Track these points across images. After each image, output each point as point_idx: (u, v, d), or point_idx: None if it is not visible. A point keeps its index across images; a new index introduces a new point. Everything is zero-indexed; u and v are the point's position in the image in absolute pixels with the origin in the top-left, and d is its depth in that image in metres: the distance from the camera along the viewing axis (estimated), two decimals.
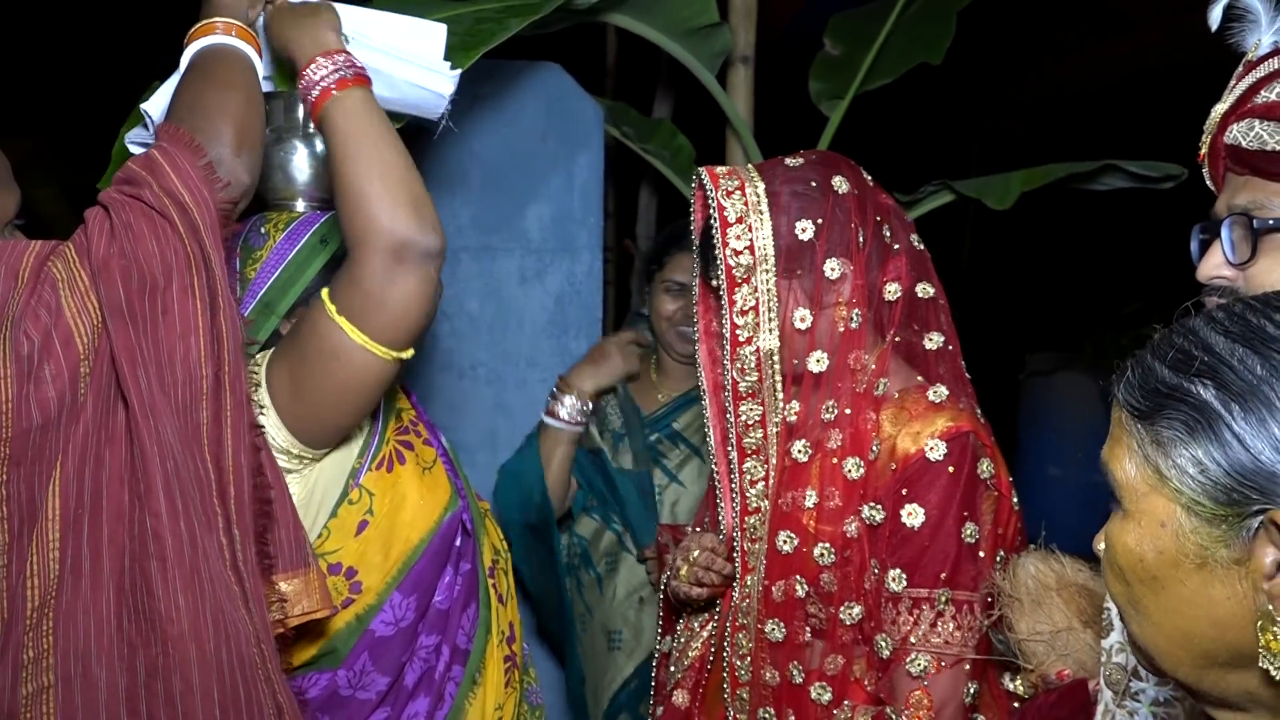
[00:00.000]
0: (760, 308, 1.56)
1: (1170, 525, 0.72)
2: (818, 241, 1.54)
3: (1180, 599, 0.72)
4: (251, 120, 1.34)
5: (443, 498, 1.56)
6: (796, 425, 1.58)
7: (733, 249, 1.55)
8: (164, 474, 1.17)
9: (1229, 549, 0.69)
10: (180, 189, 1.22)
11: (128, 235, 1.21)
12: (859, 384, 1.55)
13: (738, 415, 1.59)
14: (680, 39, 2.57)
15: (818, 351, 1.56)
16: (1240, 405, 0.68)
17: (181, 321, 1.20)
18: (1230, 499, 0.69)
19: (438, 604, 1.53)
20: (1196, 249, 1.14)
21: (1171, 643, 0.74)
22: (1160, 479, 0.72)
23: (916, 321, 1.61)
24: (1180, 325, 0.74)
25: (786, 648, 1.57)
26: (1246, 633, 0.69)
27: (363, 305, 1.32)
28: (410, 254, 1.31)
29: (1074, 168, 2.49)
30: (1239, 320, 0.71)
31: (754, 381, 1.57)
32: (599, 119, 2.65)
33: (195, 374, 1.21)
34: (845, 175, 1.59)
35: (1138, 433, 0.74)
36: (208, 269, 1.22)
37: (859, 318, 1.56)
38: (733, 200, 1.57)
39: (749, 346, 1.57)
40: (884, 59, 2.76)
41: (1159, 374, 0.73)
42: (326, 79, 1.39)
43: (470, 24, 1.95)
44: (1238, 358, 0.69)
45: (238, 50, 1.41)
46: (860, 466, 1.53)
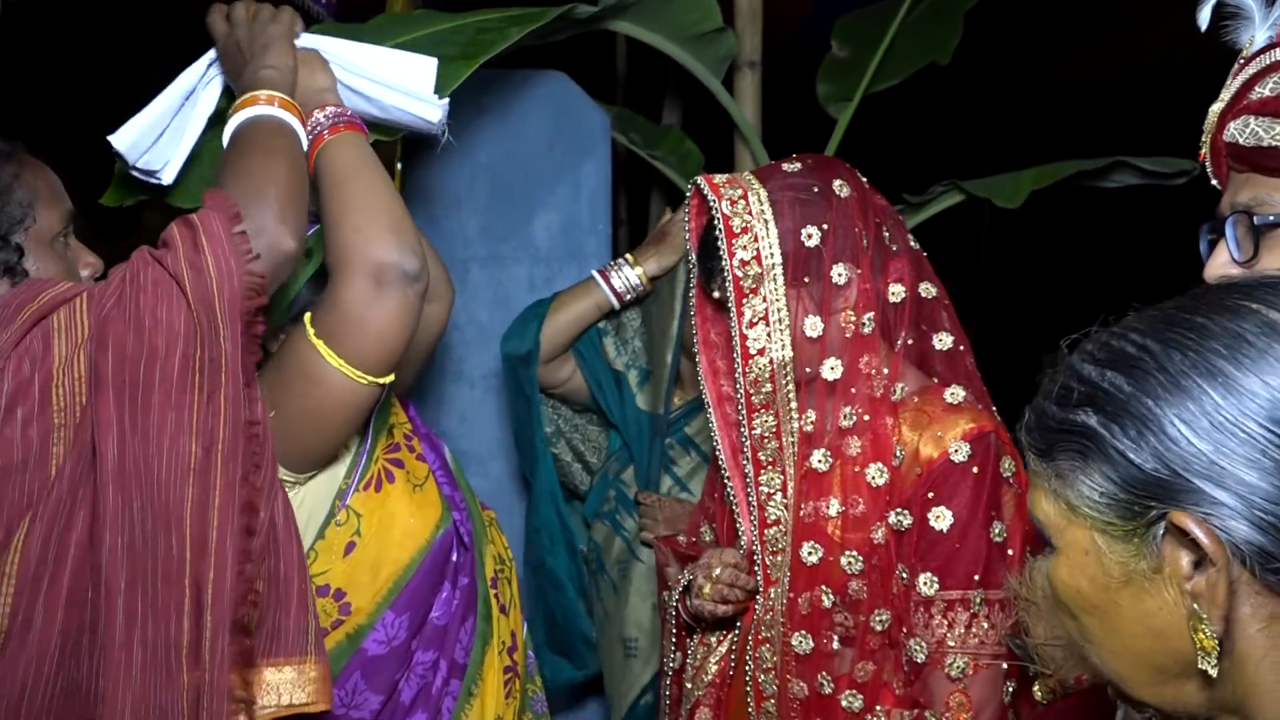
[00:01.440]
0: (770, 318, 1.54)
1: (1092, 551, 0.75)
2: (824, 247, 1.53)
3: (1121, 619, 0.75)
4: (296, 187, 1.36)
5: (434, 516, 1.55)
6: (814, 434, 1.56)
7: (739, 259, 1.54)
8: (119, 548, 1.14)
9: (1146, 560, 0.73)
10: (206, 257, 1.20)
11: (137, 298, 1.19)
12: (874, 389, 1.54)
13: (751, 428, 1.57)
14: (685, 45, 2.56)
15: (830, 359, 1.55)
16: (1119, 424, 0.72)
17: (177, 394, 1.17)
18: (1132, 512, 0.72)
19: (435, 620, 1.52)
20: (1205, 249, 1.14)
21: (1126, 665, 0.77)
22: (1072, 510, 0.76)
23: (924, 322, 1.60)
24: (1061, 363, 0.79)
25: (814, 659, 1.55)
26: (1185, 638, 0.72)
27: (341, 328, 1.33)
28: (389, 277, 1.33)
29: (1084, 165, 2.47)
30: (1104, 347, 0.76)
31: (767, 393, 1.56)
32: (606, 127, 2.65)
33: (183, 449, 1.17)
34: (844, 179, 1.58)
35: (1044, 471, 0.78)
36: (214, 342, 1.19)
37: (871, 321, 1.55)
38: (736, 209, 1.55)
39: (762, 358, 1.55)
40: (891, 60, 2.75)
41: (1049, 412, 0.77)
42: (320, 125, 1.47)
43: (472, 34, 1.96)
44: (1108, 380, 0.74)
45: (282, 120, 1.43)
46: (884, 473, 1.52)
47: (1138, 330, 0.75)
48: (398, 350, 1.38)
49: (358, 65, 1.61)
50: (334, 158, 1.43)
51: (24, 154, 1.40)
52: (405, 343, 1.38)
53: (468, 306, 2.64)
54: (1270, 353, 0.70)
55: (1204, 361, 0.71)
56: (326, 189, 1.42)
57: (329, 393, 1.35)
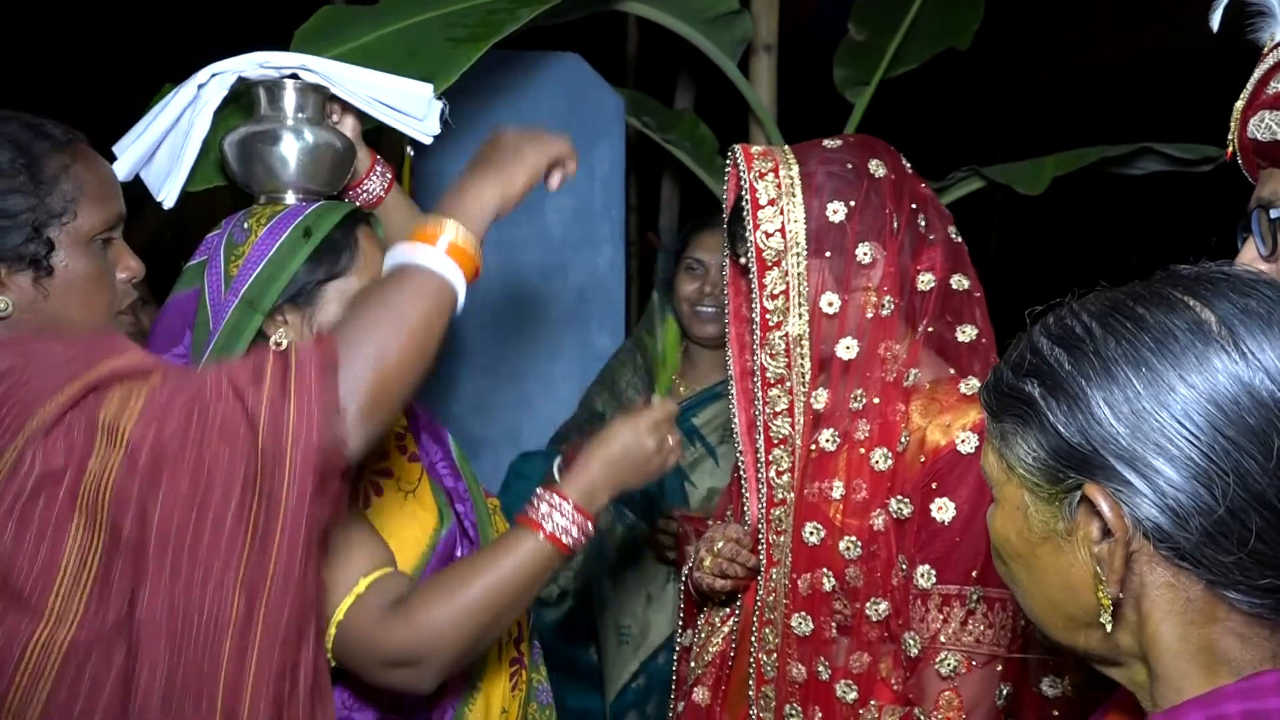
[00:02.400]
0: (790, 292, 1.53)
1: (1021, 508, 0.83)
2: (849, 224, 1.51)
3: (1040, 571, 0.83)
4: (402, 384, 1.18)
5: (430, 520, 1.50)
6: (824, 413, 1.54)
7: (764, 231, 1.52)
8: (151, 708, 1.05)
9: (1063, 522, 0.80)
10: (289, 401, 1.09)
11: (202, 436, 1.07)
12: (888, 373, 1.52)
13: (765, 402, 1.56)
14: (700, 27, 2.54)
15: (847, 338, 1.53)
16: (1055, 397, 0.79)
17: (228, 540, 1.06)
18: (1056, 478, 0.79)
19: None
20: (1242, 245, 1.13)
21: (1044, 609, 0.85)
22: (1010, 469, 0.83)
23: (950, 313, 1.57)
24: (1027, 332, 0.85)
25: (813, 642, 1.53)
26: (1092, 594, 0.79)
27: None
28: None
29: (1108, 151, 2.43)
30: (1059, 324, 0.82)
31: (782, 367, 1.54)
32: (620, 110, 2.62)
33: (225, 600, 1.06)
34: (883, 159, 1.55)
35: (993, 429, 0.85)
36: (275, 490, 1.08)
37: (891, 305, 1.52)
38: (765, 182, 1.54)
39: (778, 331, 1.54)
40: (910, 44, 2.72)
41: (1004, 376, 0.84)
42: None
43: (482, 15, 1.93)
44: (1054, 356, 0.80)
45: (443, 284, 1.21)
46: (888, 458, 1.49)
47: (1088, 312, 0.81)
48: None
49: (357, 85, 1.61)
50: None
51: (81, 146, 1.33)
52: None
53: (479, 292, 2.61)
54: (1193, 351, 0.75)
55: (1134, 352, 0.76)
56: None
57: None
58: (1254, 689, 0.72)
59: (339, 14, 1.99)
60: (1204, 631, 0.78)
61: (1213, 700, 0.73)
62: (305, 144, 1.54)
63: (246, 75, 1.58)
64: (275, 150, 1.53)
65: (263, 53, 1.57)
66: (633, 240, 3.85)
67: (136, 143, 1.62)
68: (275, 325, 1.44)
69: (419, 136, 1.70)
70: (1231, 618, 0.77)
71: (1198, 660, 0.78)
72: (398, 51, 1.89)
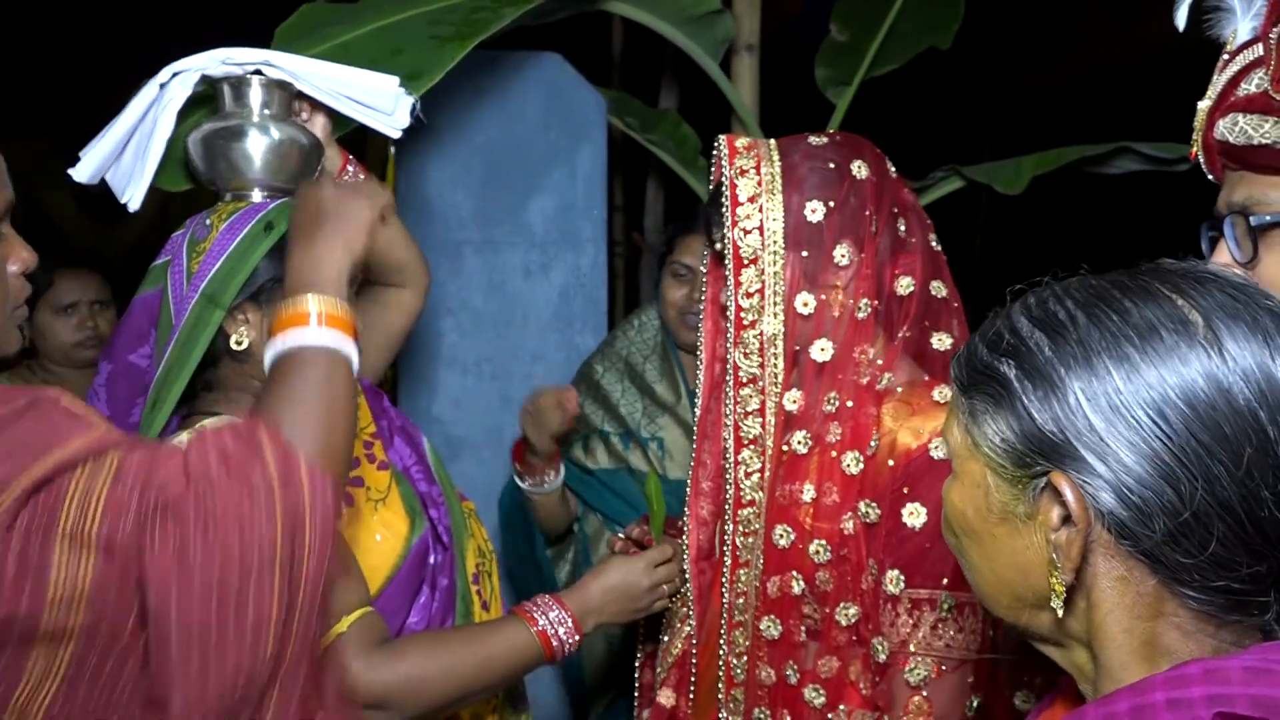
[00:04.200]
0: (766, 290, 1.51)
1: (982, 485, 0.83)
2: (827, 224, 1.50)
3: (993, 549, 0.84)
4: (338, 461, 1.16)
5: (402, 528, 1.48)
6: (797, 415, 1.53)
7: (741, 228, 1.51)
8: None
9: (1024, 506, 0.80)
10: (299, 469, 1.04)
11: (211, 529, 0.99)
12: (862, 376, 1.51)
13: (737, 401, 1.54)
14: (683, 27, 2.54)
15: (822, 339, 1.51)
16: (1031, 381, 0.78)
17: (254, 616, 1.00)
18: (1023, 462, 0.79)
19: (413, 625, 1.47)
20: (1206, 247, 1.13)
21: (991, 586, 0.86)
22: (975, 445, 0.83)
23: (928, 319, 1.56)
24: (1005, 309, 0.84)
25: (783, 646, 1.52)
26: (1044, 578, 0.80)
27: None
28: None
29: (1086, 150, 2.44)
30: (1041, 306, 0.81)
31: (756, 367, 1.53)
32: (601, 110, 2.62)
33: (253, 676, 1.01)
34: (867, 160, 1.53)
35: (961, 404, 0.85)
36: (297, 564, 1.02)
37: (867, 308, 1.51)
38: (746, 179, 1.52)
39: (752, 330, 1.52)
40: (891, 44, 2.72)
41: (979, 352, 0.83)
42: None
43: (466, 14, 1.92)
44: (1034, 340, 0.79)
45: (334, 355, 1.18)
46: (859, 461, 1.48)
47: (1073, 298, 0.80)
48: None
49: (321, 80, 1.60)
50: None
51: None
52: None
53: (461, 291, 2.60)
54: (1175, 351, 0.75)
55: (1116, 345, 0.76)
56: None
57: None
58: (1180, 677, 0.73)
59: (321, 11, 1.98)
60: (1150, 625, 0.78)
61: (1141, 689, 0.74)
62: (270, 140, 1.52)
63: (210, 73, 1.56)
64: (240, 146, 1.52)
65: (226, 49, 1.56)
66: (618, 240, 3.85)
67: (99, 144, 1.60)
68: (235, 323, 1.41)
69: (388, 131, 1.70)
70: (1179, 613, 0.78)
71: (1140, 653, 0.79)
72: (380, 49, 1.89)
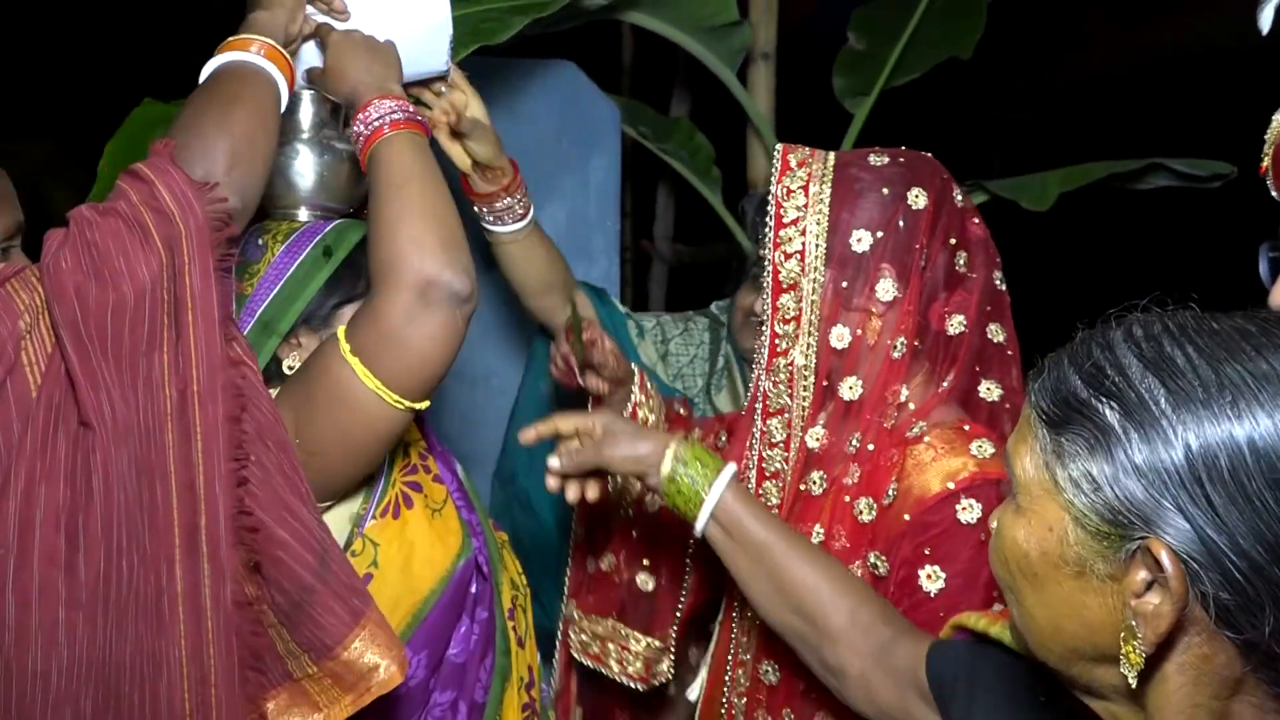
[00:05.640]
0: (802, 319, 1.44)
1: (1057, 531, 0.75)
2: (872, 255, 1.41)
3: (1056, 597, 0.77)
4: (253, 140, 1.24)
5: (454, 544, 1.44)
6: (818, 454, 1.46)
7: (783, 251, 1.44)
8: (119, 506, 1.09)
9: (1106, 564, 0.73)
10: (162, 194, 1.13)
11: (90, 253, 1.11)
12: (887, 419, 1.43)
13: (763, 431, 1.48)
14: (699, 36, 2.49)
15: (853, 377, 1.44)
16: (1141, 434, 0.70)
17: (148, 341, 1.10)
18: (1116, 520, 0.71)
19: (453, 657, 1.43)
20: (1266, 269, 1.05)
21: (1044, 633, 0.79)
22: (1055, 486, 0.75)
23: (980, 364, 1.46)
24: (1101, 336, 0.76)
25: (780, 693, 1.46)
26: (1112, 639, 0.74)
27: (379, 344, 1.23)
28: (436, 294, 1.23)
29: (1115, 167, 2.38)
30: (1155, 345, 0.72)
31: (785, 397, 1.46)
32: (615, 119, 2.57)
33: (158, 395, 1.10)
34: (927, 189, 1.43)
35: (1042, 437, 0.77)
36: (179, 280, 1.12)
37: (903, 347, 1.42)
38: (792, 200, 1.44)
39: (784, 358, 1.46)
40: (911, 53, 2.67)
41: (1071, 384, 0.75)
42: (383, 119, 1.34)
43: (474, 23, 1.88)
44: (1146, 385, 0.71)
45: (259, 68, 1.31)
46: (873, 509, 1.40)
47: (1196, 346, 0.71)
48: (438, 374, 1.28)
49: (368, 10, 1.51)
50: (394, 157, 1.31)
51: None
52: (446, 367, 1.28)
53: None
54: None
55: (1250, 412, 0.68)
56: (382, 189, 1.30)
57: (363, 416, 1.25)
58: None
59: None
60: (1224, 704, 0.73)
61: None
62: (323, 158, 1.49)
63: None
64: (292, 164, 1.48)
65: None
66: (628, 248, 3.80)
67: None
68: (290, 348, 1.40)
69: (433, 66, 1.60)
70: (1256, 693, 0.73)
71: None
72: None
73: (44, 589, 1.09)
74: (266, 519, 1.14)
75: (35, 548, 1.09)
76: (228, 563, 1.11)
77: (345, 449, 1.28)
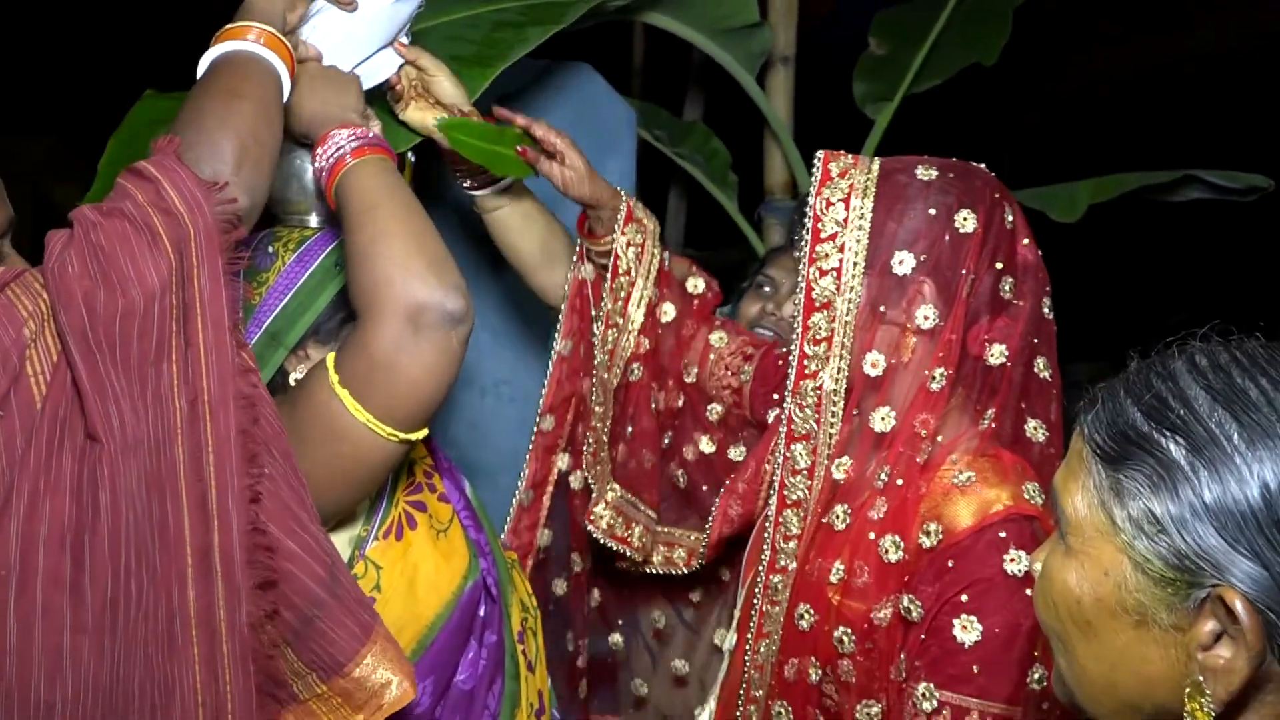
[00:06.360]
0: (835, 341, 1.36)
1: (1114, 576, 0.70)
2: (913, 279, 1.33)
3: (1112, 649, 0.71)
4: (259, 136, 1.20)
5: (460, 565, 1.39)
6: (844, 486, 1.38)
7: (818, 268, 1.36)
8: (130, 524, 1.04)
9: (1171, 613, 0.68)
10: (170, 195, 1.08)
11: (97, 257, 1.06)
12: (919, 453, 1.34)
13: (787, 457, 1.40)
14: (718, 39, 2.44)
15: (886, 407, 1.36)
16: (1211, 472, 0.65)
17: (157, 349, 1.05)
18: (1183, 566, 0.66)
19: (460, 684, 1.38)
20: None
21: (1096, 686, 0.73)
22: (1113, 527, 0.70)
23: (1025, 400, 1.37)
24: (1161, 365, 0.70)
25: None
26: (1174, 694, 0.68)
27: (369, 375, 1.18)
28: (428, 318, 1.18)
29: (1147, 178, 2.33)
30: (1224, 376, 0.67)
31: (812, 422, 1.38)
32: (631, 122, 2.51)
33: (167, 407, 1.05)
34: (975, 210, 1.34)
35: (1097, 473, 0.71)
36: (188, 285, 1.07)
37: (943, 378, 1.34)
38: (833, 211, 1.36)
39: (812, 381, 1.38)
40: (934, 58, 2.61)
41: (1130, 417, 0.70)
42: (341, 149, 1.30)
43: (488, 30, 1.82)
44: (1215, 420, 0.66)
45: (259, 58, 1.26)
46: (899, 549, 1.31)
47: (1271, 378, 0.66)
48: (434, 403, 1.23)
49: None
50: (359, 183, 1.26)
51: None
52: (443, 395, 1.22)
53: (480, 310, 2.47)
54: None
55: None
56: (352, 217, 1.25)
57: (352, 450, 1.20)
58: None
59: None
60: None
61: None
62: None
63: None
64: (306, 168, 1.43)
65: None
66: None
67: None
68: (297, 360, 1.35)
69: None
70: None
71: None
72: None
73: (48, 612, 1.04)
74: (277, 532, 1.09)
75: (39, 568, 1.04)
76: (242, 582, 1.06)
77: (336, 481, 1.22)
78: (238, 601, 1.06)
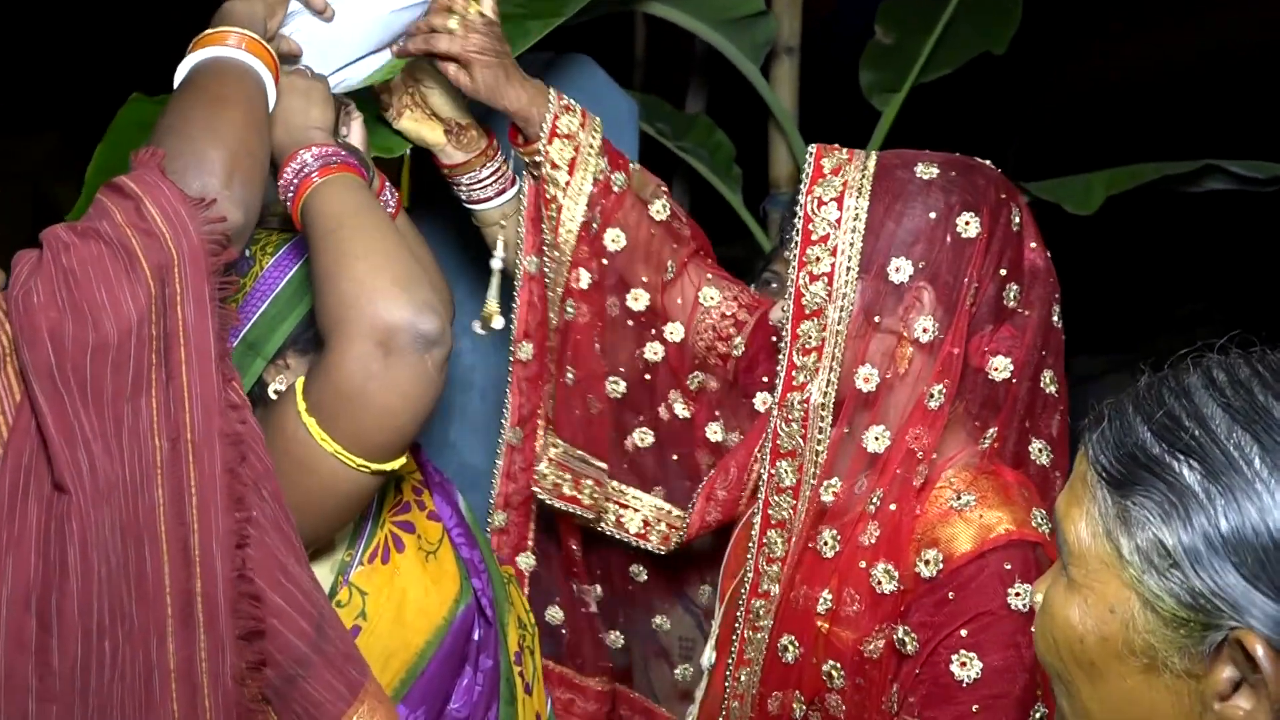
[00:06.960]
0: (825, 351, 1.27)
1: (1121, 614, 0.64)
2: (911, 287, 1.24)
3: (1118, 693, 0.65)
4: (250, 146, 1.13)
5: (451, 589, 1.33)
6: (832, 508, 1.29)
7: (809, 272, 1.27)
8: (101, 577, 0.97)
9: (1184, 658, 0.62)
10: (153, 215, 1.01)
11: (67, 283, 0.98)
12: (915, 476, 1.25)
13: (771, 475, 1.31)
14: (722, 29, 2.40)
15: (879, 426, 1.27)
16: (1226, 499, 0.59)
17: (134, 381, 0.98)
18: (1196, 604, 0.60)
19: (454, 712, 1.32)
20: None
21: None
22: (1119, 559, 0.64)
23: (1029, 418, 1.29)
24: (1175, 380, 0.63)
25: None
26: None
27: (336, 403, 1.11)
28: (399, 341, 1.10)
29: (1167, 169, 2.27)
30: (1243, 393, 0.61)
31: (798, 438, 1.30)
32: (634, 115, 2.46)
33: (146, 445, 0.98)
34: (979, 213, 1.25)
35: (1102, 499, 0.65)
36: (170, 314, 1.00)
37: (941, 395, 1.24)
38: (824, 211, 1.27)
39: (800, 394, 1.29)
40: (942, 48, 2.56)
41: (1139, 437, 0.63)
42: (301, 173, 1.22)
43: None
44: (1234, 441, 0.60)
45: (243, 64, 1.19)
46: (893, 579, 1.23)
47: None
48: (409, 432, 1.16)
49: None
50: (320, 205, 1.18)
51: None
52: (419, 423, 1.15)
53: (478, 310, 2.44)
54: None
55: None
56: (317, 239, 1.17)
57: (321, 481, 1.13)
58: None
59: None
60: None
61: None
62: None
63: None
64: None
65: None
66: None
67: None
68: (276, 370, 1.29)
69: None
70: None
71: None
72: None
73: (10, 678, 0.97)
74: (262, 584, 1.02)
75: (1, 630, 0.97)
76: (226, 632, 1.00)
77: (309, 512, 1.15)
78: (221, 653, 1.00)
